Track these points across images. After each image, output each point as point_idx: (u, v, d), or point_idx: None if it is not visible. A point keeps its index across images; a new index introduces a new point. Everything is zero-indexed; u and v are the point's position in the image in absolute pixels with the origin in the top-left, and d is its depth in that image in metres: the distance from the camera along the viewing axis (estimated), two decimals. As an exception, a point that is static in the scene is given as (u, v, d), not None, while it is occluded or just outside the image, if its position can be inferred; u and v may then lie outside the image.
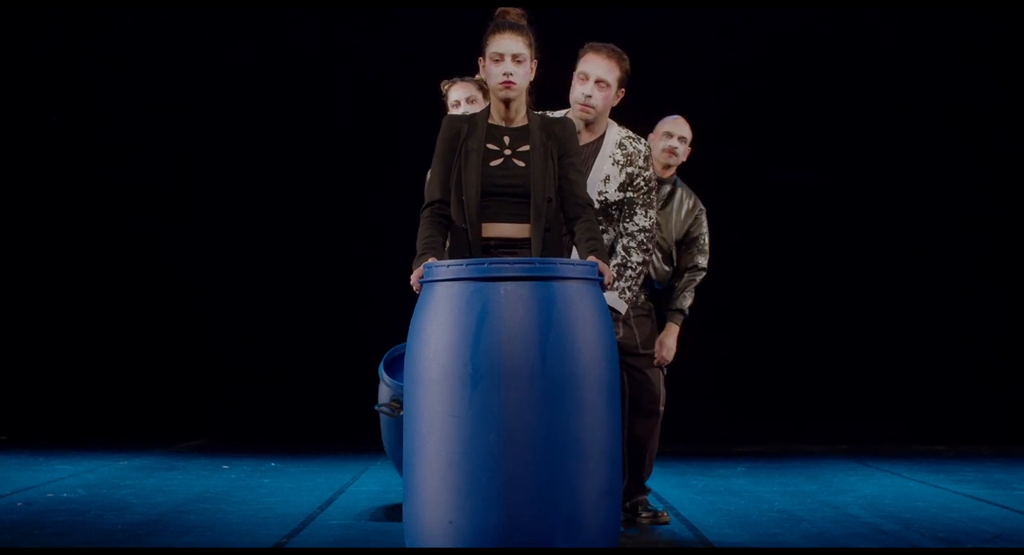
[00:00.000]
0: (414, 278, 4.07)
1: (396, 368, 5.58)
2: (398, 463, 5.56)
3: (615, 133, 5.03)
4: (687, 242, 5.67)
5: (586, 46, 5.02)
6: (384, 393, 5.48)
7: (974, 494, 6.18)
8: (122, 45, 9.52)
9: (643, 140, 5.08)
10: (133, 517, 5.26)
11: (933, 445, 8.95)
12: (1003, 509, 5.64)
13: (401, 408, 5.32)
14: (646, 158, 5.02)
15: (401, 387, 5.35)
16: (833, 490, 6.36)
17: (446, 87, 5.28)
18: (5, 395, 9.43)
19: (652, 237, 5.01)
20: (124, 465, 7.37)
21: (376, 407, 5.46)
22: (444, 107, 5.26)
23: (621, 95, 5.03)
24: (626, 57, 5.02)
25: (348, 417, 9.03)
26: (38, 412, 9.38)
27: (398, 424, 5.36)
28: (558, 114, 4.96)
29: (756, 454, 8.42)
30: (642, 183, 4.99)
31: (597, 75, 4.95)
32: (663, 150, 5.64)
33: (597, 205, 4.82)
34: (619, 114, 5.18)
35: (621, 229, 4.99)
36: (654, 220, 5.01)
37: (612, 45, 5.03)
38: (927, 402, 9.29)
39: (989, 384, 9.36)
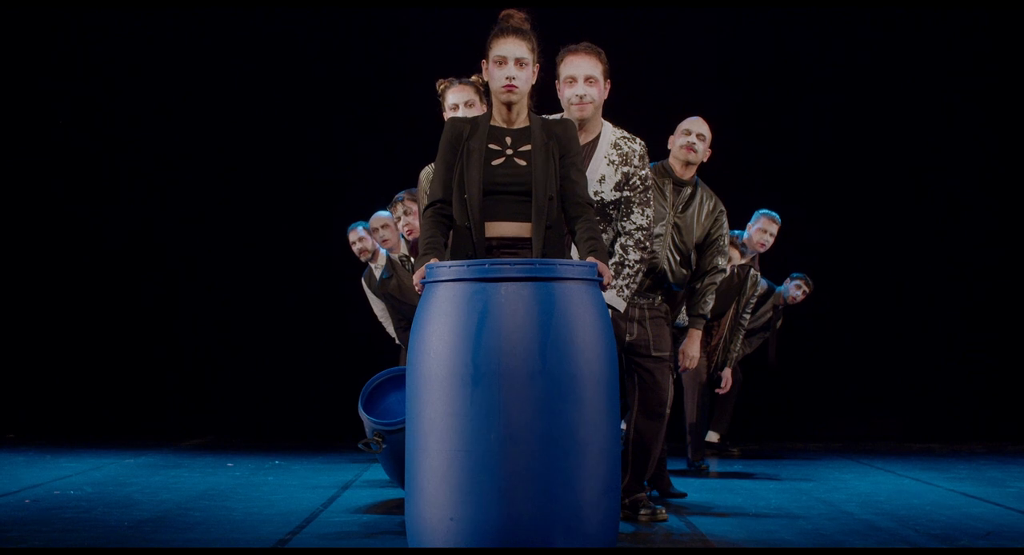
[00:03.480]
0: (416, 278, 4.12)
1: (380, 395, 5.64)
2: (398, 480, 5.63)
3: (610, 133, 5.08)
4: (707, 244, 5.68)
5: (562, 51, 5.05)
6: (366, 428, 5.56)
7: (967, 491, 6.22)
8: (117, 44, 9.58)
9: (638, 139, 5.11)
10: (139, 514, 5.29)
11: (927, 443, 8.99)
12: (996, 506, 5.69)
13: (383, 442, 5.40)
14: (641, 157, 5.06)
15: (380, 423, 5.43)
16: (829, 487, 6.40)
17: (442, 86, 5.27)
18: (12, 394, 9.48)
19: (649, 235, 5.05)
20: (130, 463, 7.42)
21: (360, 444, 5.53)
22: (439, 105, 5.27)
23: (608, 87, 5.09)
24: (602, 50, 5.07)
25: (351, 415, 9.09)
26: (45, 410, 9.43)
27: (392, 453, 5.43)
28: (554, 118, 5.01)
29: (753, 452, 8.47)
30: (638, 182, 5.04)
31: (585, 73, 5.00)
32: (681, 147, 5.68)
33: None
34: (616, 113, 5.25)
35: (619, 228, 5.04)
36: (651, 218, 5.05)
37: (586, 43, 5.08)
38: (921, 400, 9.34)
39: (983, 383, 9.40)
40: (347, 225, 7.91)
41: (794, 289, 8.35)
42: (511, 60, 4.39)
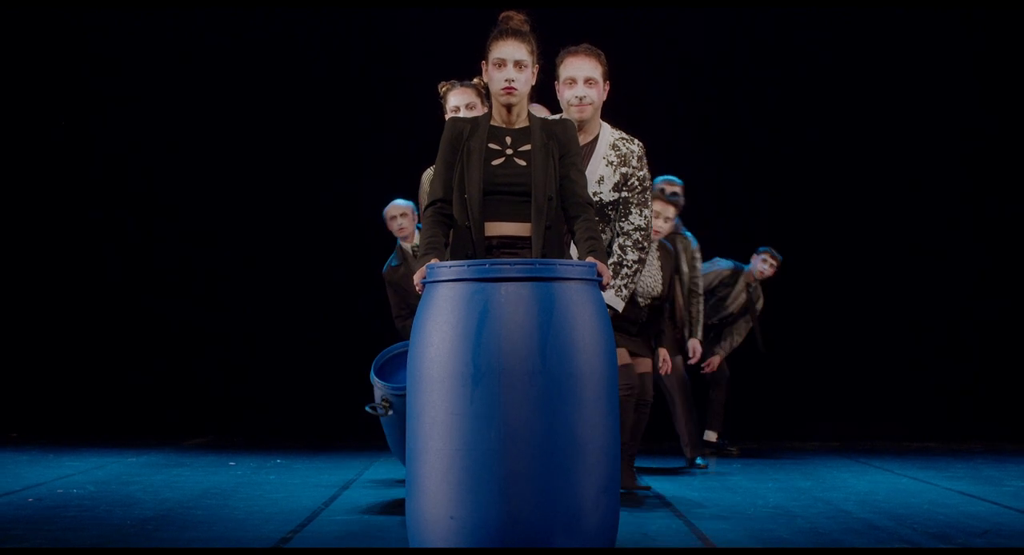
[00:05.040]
0: (417, 278, 4.16)
1: (391, 368, 5.69)
2: (400, 455, 5.67)
3: (608, 134, 5.13)
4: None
5: (562, 52, 5.11)
6: (376, 393, 5.61)
7: (964, 490, 6.25)
8: (114, 44, 9.60)
9: (636, 141, 5.17)
10: (142, 512, 5.32)
11: (925, 442, 9.02)
12: (993, 505, 5.72)
13: (391, 407, 5.44)
14: (639, 158, 5.12)
15: (390, 387, 5.46)
16: (827, 486, 6.43)
17: (444, 89, 5.31)
18: (15, 393, 9.50)
19: (647, 235, 5.10)
20: (132, 461, 7.45)
21: (367, 407, 5.57)
22: (441, 108, 5.31)
23: (607, 88, 5.14)
24: (601, 52, 5.13)
25: (352, 414, 9.11)
26: (48, 410, 9.45)
27: (398, 420, 5.47)
28: (553, 118, 5.05)
29: (751, 451, 8.50)
30: (636, 183, 5.09)
31: (585, 75, 5.05)
32: None
33: None
34: (614, 113, 5.29)
35: (617, 228, 5.09)
36: (649, 219, 5.11)
37: (586, 44, 5.13)
38: (919, 400, 9.36)
39: (980, 382, 9.42)
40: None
41: (760, 263, 8.30)
42: (510, 62, 4.42)
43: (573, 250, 4.58)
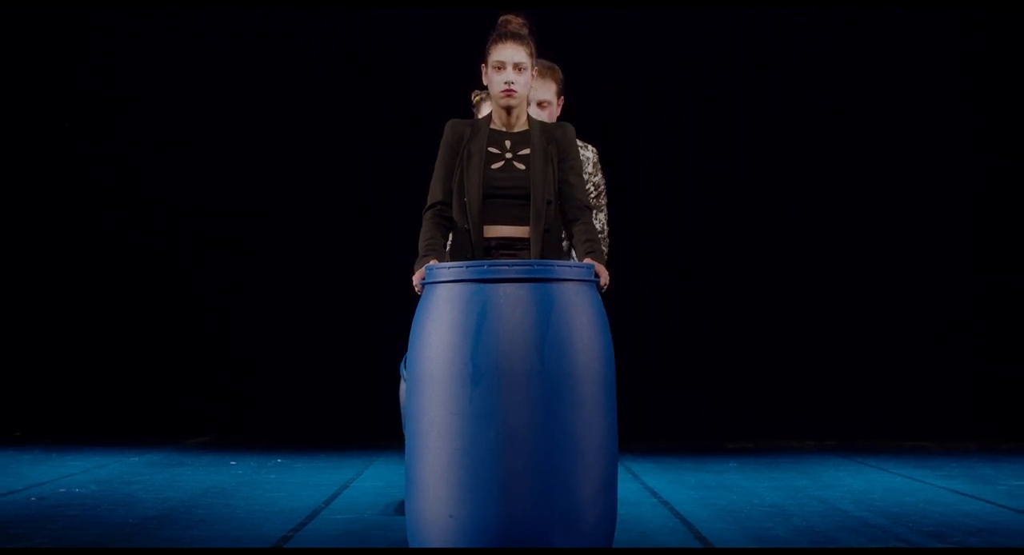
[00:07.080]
0: (416, 279, 4.19)
1: None
2: None
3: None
4: None
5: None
6: (403, 387, 5.61)
7: (959, 489, 6.27)
8: (117, 44, 9.61)
9: (590, 146, 5.24)
10: (143, 511, 5.35)
11: (919, 441, 9.03)
12: (987, 504, 5.74)
13: None
14: (595, 164, 5.20)
15: None
16: (822, 485, 6.45)
17: (477, 98, 5.37)
18: (18, 392, 9.51)
19: (604, 239, 5.17)
20: (134, 461, 7.47)
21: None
22: (472, 116, 5.35)
23: (561, 104, 5.21)
24: (557, 68, 5.19)
25: (352, 413, 9.15)
26: (50, 409, 9.46)
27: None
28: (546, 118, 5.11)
29: (747, 450, 8.52)
30: (591, 188, 5.16)
31: (538, 97, 5.10)
32: None
33: None
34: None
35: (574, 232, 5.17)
36: (604, 223, 5.20)
37: (547, 61, 5.17)
38: (914, 398, 9.37)
39: (975, 381, 9.43)
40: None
41: None
42: (509, 65, 4.46)
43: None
